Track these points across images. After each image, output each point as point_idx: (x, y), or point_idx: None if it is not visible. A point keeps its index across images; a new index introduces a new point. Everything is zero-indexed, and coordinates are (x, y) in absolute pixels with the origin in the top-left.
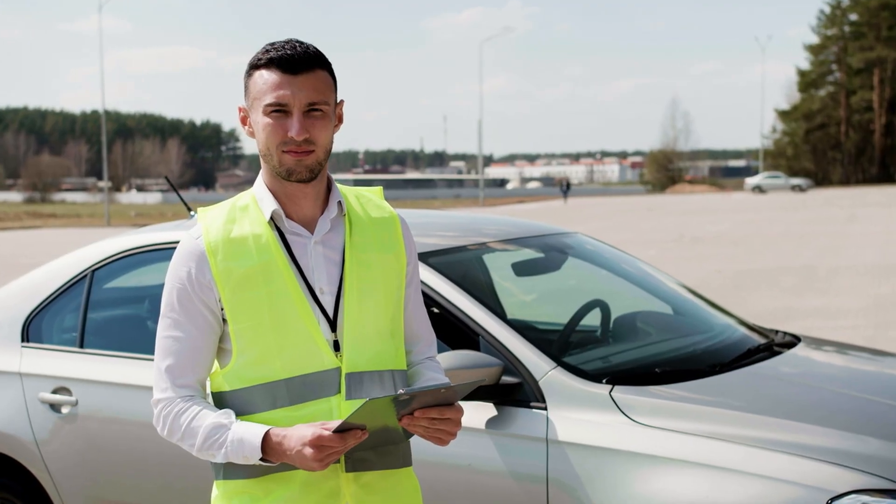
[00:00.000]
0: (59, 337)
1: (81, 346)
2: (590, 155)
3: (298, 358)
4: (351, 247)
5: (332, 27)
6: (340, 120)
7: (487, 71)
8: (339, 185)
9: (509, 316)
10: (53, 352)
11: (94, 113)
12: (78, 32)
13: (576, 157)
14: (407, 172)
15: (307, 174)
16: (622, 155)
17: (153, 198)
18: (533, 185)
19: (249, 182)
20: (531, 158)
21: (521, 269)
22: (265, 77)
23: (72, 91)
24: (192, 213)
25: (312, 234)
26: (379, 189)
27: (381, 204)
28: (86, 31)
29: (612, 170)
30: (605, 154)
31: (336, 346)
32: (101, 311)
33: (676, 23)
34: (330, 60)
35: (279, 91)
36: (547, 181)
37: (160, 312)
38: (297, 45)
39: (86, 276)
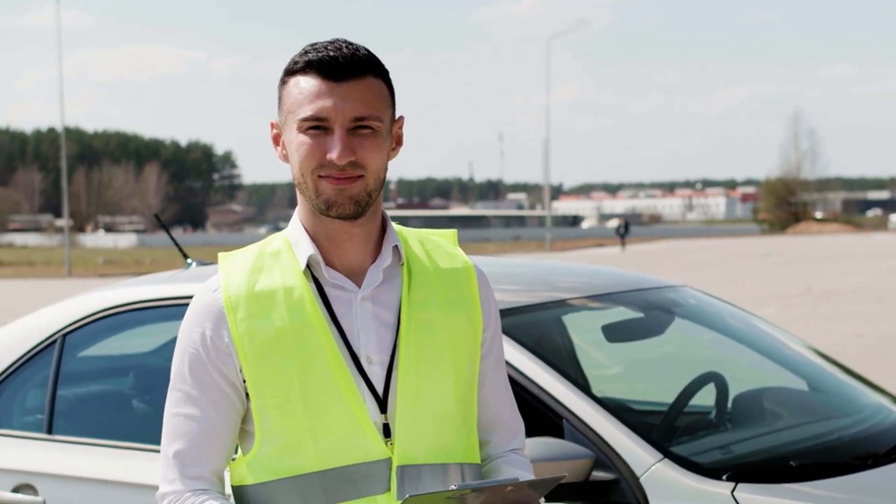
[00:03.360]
0: (20, 420)
1: (49, 431)
2: (688, 185)
3: (337, 445)
4: (409, 304)
5: (357, 19)
6: (399, 141)
7: (556, 77)
8: (397, 227)
9: (597, 392)
10: (14, 439)
11: (51, 131)
12: (28, 29)
13: (670, 188)
14: (452, 207)
15: (352, 207)
16: (730, 185)
17: (126, 240)
18: (615, 223)
19: (249, 220)
20: (612, 189)
21: (615, 332)
22: (302, 85)
23: (20, 103)
24: (189, 261)
25: (359, 287)
26: (452, 233)
27: (453, 251)
28: (38, 28)
29: (716, 203)
30: (707, 184)
31: (386, 432)
32: (74, 388)
33: (798, 15)
34: (385, 65)
35: (318, 102)
36: (633, 218)
37: (169, 384)
38: (343, 45)
39: (54, 342)
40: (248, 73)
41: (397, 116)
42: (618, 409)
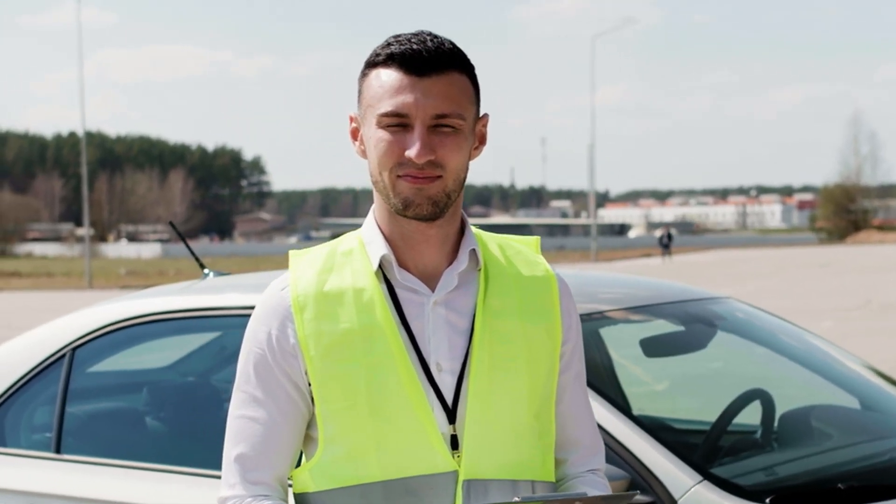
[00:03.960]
0: (27, 439)
1: (58, 451)
2: (742, 191)
3: (401, 455)
4: (485, 311)
5: (391, 15)
6: (482, 140)
7: (601, 78)
8: (476, 230)
9: (636, 410)
10: (21, 458)
11: (72, 136)
12: (47, 29)
13: (722, 195)
14: (492, 216)
15: (429, 208)
16: (785, 191)
17: (150, 250)
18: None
19: (279, 229)
20: (661, 196)
21: (654, 347)
22: (382, 78)
23: (40, 106)
24: (206, 271)
25: (433, 291)
26: (534, 240)
27: (535, 258)
28: (58, 27)
29: (771, 211)
30: (762, 190)
31: (454, 444)
32: (84, 404)
33: (857, 11)
34: (472, 62)
35: (399, 97)
36: (683, 226)
37: (234, 384)
38: (427, 38)
39: (63, 356)
40: (277, 75)
41: (482, 114)
42: (656, 428)
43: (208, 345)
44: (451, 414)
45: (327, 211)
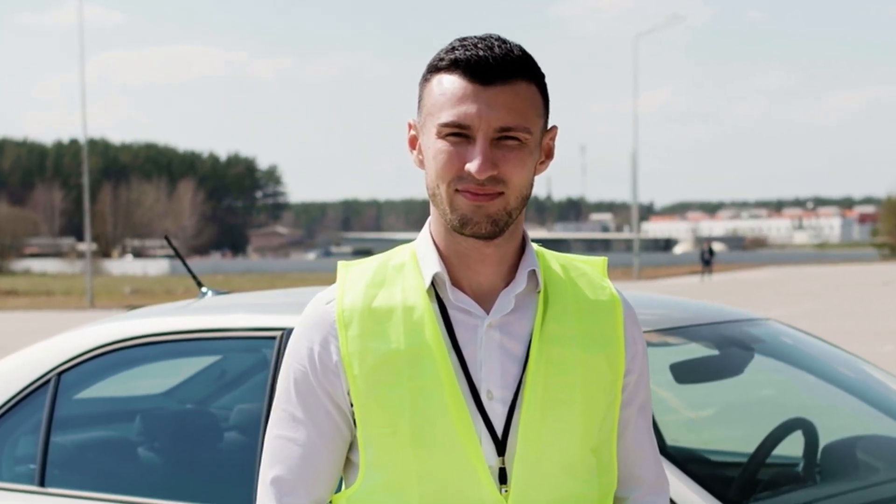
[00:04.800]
0: (9, 471)
1: (42, 483)
2: (798, 204)
3: (444, 487)
4: (542, 337)
5: (424, 12)
6: (549, 154)
7: (645, 80)
8: (538, 249)
9: (670, 440)
10: (1, 492)
11: (73, 143)
12: (48, 28)
13: (776, 207)
14: (528, 229)
15: (488, 227)
16: (845, 203)
17: (158, 267)
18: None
19: (296, 244)
20: (710, 209)
21: (685, 372)
22: (444, 85)
23: (40, 112)
24: (203, 289)
25: (487, 313)
26: (601, 261)
27: (600, 281)
28: (60, 26)
29: (830, 225)
30: (819, 202)
31: (502, 477)
32: (71, 434)
33: None
34: (542, 70)
35: (461, 107)
36: (734, 241)
37: (273, 403)
38: (496, 43)
39: (48, 381)
40: (297, 77)
41: (549, 126)
42: (689, 460)
43: (207, 369)
44: (500, 446)
45: (349, 224)
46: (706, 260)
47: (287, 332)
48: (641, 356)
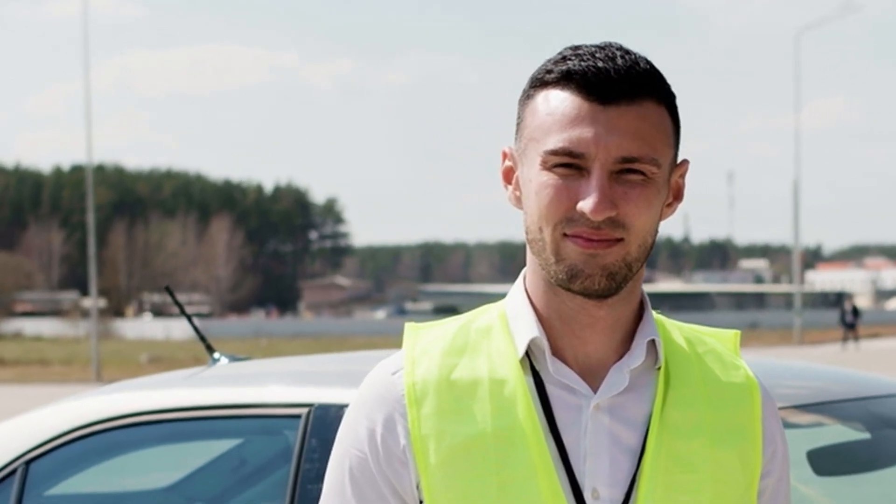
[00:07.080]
0: None
1: None
2: None
3: None
4: (662, 425)
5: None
6: (678, 196)
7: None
8: (657, 316)
9: None
10: None
11: (77, 170)
12: (50, 22)
13: None
14: (659, 280)
15: (603, 282)
16: None
17: (182, 328)
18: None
19: (361, 299)
20: (895, 254)
21: (827, 461)
22: (553, 103)
23: (36, 129)
24: (215, 356)
25: (595, 391)
26: (733, 335)
27: (732, 360)
28: (61, 21)
29: None
30: None
31: None
32: None
33: None
34: (672, 87)
35: (574, 130)
36: None
37: (321, 498)
38: (618, 53)
39: (13, 472)
40: (359, 86)
41: (679, 160)
42: None
43: (222, 457)
44: None
45: (428, 274)
46: (850, 323)
47: (317, 409)
48: (782, 456)
